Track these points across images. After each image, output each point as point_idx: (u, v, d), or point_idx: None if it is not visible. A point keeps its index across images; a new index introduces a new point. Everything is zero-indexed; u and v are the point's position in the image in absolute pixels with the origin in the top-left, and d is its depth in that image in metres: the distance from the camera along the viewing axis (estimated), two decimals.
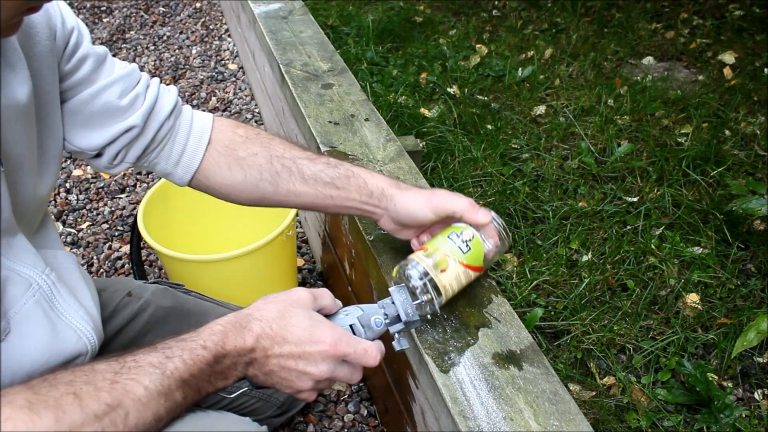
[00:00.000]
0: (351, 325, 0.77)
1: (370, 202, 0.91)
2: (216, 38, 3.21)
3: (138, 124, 0.86)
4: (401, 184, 0.92)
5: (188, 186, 0.96)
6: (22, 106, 0.71)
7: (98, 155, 0.89)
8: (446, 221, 0.89)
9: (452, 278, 0.85)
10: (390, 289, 0.80)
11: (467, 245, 0.85)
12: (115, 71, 0.86)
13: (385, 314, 0.79)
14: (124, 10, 3.51)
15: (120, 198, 2.16)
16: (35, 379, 0.60)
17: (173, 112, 0.92)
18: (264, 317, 0.72)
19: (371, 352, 0.74)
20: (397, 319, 0.79)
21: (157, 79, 0.93)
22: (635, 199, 2.01)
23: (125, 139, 0.87)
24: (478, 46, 3.04)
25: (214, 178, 0.94)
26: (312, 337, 0.71)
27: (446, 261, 0.84)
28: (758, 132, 2.28)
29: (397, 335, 0.79)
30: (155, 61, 3.01)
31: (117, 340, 1.01)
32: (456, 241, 0.85)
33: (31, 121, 0.74)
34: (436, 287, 0.83)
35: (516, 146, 2.29)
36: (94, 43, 0.86)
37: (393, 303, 0.79)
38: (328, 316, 0.78)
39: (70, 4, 3.53)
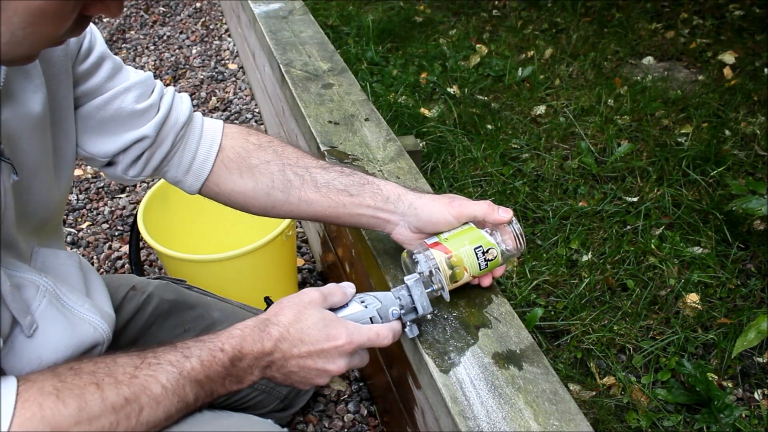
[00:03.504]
0: (371, 318, 0.81)
1: (386, 208, 0.89)
2: (216, 38, 3.21)
3: (150, 134, 0.86)
4: (415, 190, 0.91)
5: (199, 194, 0.96)
6: (36, 114, 0.72)
7: (111, 164, 0.89)
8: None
9: (458, 285, 0.88)
10: (406, 281, 0.82)
11: (487, 264, 0.87)
12: (131, 78, 0.86)
13: (401, 305, 0.82)
14: (125, 9, 3.51)
15: (120, 198, 2.15)
16: (61, 366, 0.63)
17: (187, 120, 0.91)
18: (281, 322, 0.75)
19: (383, 334, 0.78)
20: (412, 309, 0.82)
21: (172, 88, 0.92)
22: (635, 199, 2.01)
23: (138, 149, 0.87)
24: (478, 46, 3.04)
25: (225, 185, 0.93)
26: (328, 336, 0.75)
27: (463, 274, 0.86)
28: (758, 132, 2.28)
29: (408, 323, 0.83)
30: (155, 61, 3.01)
31: (124, 333, 1.02)
32: (479, 258, 0.86)
33: (45, 128, 0.75)
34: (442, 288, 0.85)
35: (516, 146, 2.30)
36: None
37: (409, 294, 0.82)
38: (342, 307, 0.81)
39: None
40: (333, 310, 0.80)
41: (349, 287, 0.82)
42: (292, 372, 0.75)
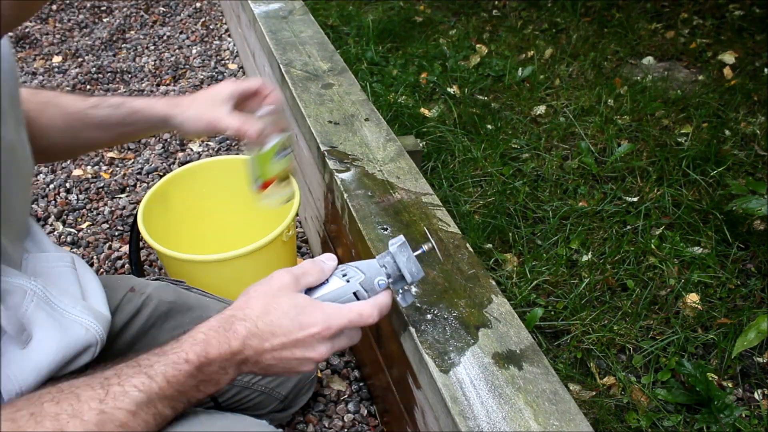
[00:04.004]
0: (355, 293, 0.74)
1: (162, 129, 1.07)
2: (216, 38, 3.21)
3: None
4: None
5: None
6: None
7: None
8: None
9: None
10: (390, 246, 0.75)
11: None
12: None
13: (388, 274, 0.75)
14: (124, 10, 3.51)
15: (120, 198, 2.15)
16: (20, 412, 0.58)
17: None
18: (248, 316, 0.71)
19: (366, 313, 0.72)
20: (400, 278, 0.76)
21: None
22: (635, 199, 2.01)
23: None
24: (478, 46, 3.04)
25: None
26: (301, 325, 0.70)
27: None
28: (758, 132, 2.28)
29: (400, 291, 0.78)
30: (155, 61, 3.01)
31: (123, 335, 1.02)
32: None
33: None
34: None
35: (516, 146, 2.29)
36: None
37: (394, 261, 0.75)
38: (321, 284, 0.76)
39: (70, 4, 3.53)
40: (311, 289, 0.75)
41: (328, 260, 0.77)
42: (270, 365, 0.72)
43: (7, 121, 0.73)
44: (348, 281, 0.74)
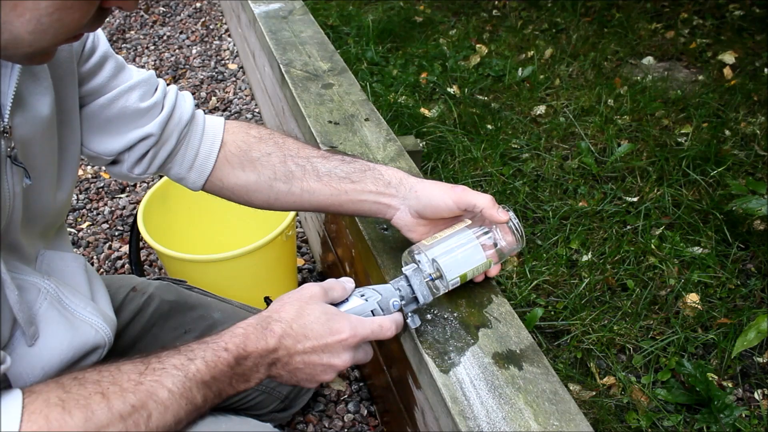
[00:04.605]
0: (372, 311, 0.81)
1: (387, 192, 0.89)
2: (216, 38, 3.21)
3: (155, 132, 0.86)
4: (417, 176, 0.91)
5: (202, 190, 0.96)
6: (45, 117, 0.72)
7: (115, 162, 0.89)
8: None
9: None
10: (405, 271, 0.83)
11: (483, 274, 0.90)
12: (134, 76, 0.86)
13: (401, 296, 0.82)
14: None
15: (120, 198, 2.15)
16: (65, 377, 0.62)
17: (190, 118, 0.91)
18: (283, 318, 0.74)
19: (386, 325, 0.79)
20: (412, 299, 0.83)
21: (174, 87, 0.92)
22: (635, 199, 2.01)
23: (143, 147, 0.87)
24: (478, 46, 3.04)
25: (228, 179, 0.93)
26: (331, 330, 0.75)
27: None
28: (758, 132, 2.28)
29: (410, 314, 0.84)
30: (155, 61, 3.01)
31: (125, 334, 1.02)
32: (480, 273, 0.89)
33: (53, 130, 0.75)
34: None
35: (516, 146, 2.30)
36: None
37: (408, 285, 0.83)
38: (343, 302, 0.81)
39: None
40: (334, 305, 0.80)
41: (348, 282, 0.82)
42: (297, 369, 0.75)
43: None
44: (366, 300, 0.81)
